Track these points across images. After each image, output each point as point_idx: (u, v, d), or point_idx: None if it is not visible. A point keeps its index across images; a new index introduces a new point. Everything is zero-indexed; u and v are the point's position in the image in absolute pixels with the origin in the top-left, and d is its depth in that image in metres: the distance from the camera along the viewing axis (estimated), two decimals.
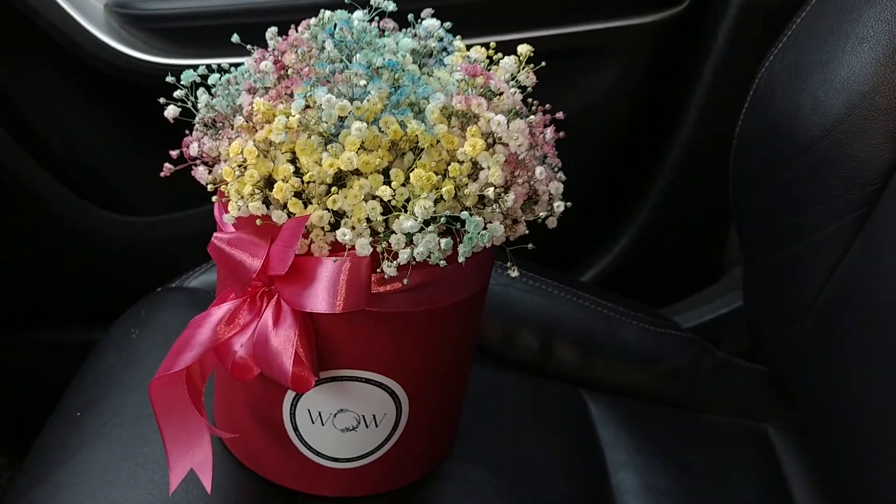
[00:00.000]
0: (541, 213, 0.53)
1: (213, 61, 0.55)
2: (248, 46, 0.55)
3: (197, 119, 0.53)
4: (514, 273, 0.52)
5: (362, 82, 0.48)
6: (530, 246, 0.51)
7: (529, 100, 0.54)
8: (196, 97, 0.54)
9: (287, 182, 0.48)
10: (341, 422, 0.56)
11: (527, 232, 0.51)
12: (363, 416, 0.56)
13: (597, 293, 0.80)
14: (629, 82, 0.86)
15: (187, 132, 0.54)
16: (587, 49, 0.85)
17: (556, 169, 0.54)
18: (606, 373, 0.77)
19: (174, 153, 0.54)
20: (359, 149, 0.48)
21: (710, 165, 0.86)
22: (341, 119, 0.49)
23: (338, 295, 0.48)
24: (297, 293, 0.49)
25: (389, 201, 0.48)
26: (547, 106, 0.55)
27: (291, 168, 0.48)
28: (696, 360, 0.78)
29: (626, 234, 0.93)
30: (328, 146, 0.48)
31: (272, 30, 0.56)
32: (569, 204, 0.52)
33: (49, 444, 0.63)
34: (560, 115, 0.54)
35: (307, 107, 0.49)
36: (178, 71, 0.54)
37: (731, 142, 0.75)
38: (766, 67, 0.70)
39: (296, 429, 0.56)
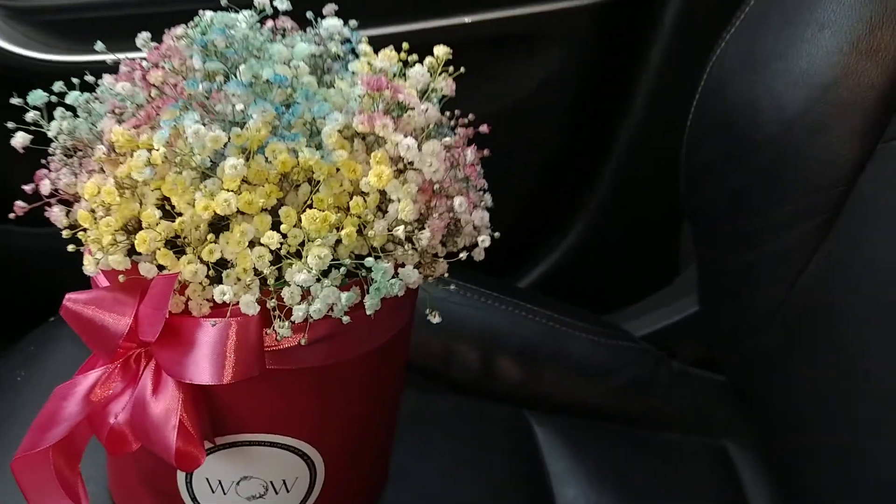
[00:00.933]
0: (465, 245, 0.45)
1: (103, 57, 0.47)
2: (121, 57, 0.46)
3: (53, 147, 0.45)
4: (436, 319, 0.45)
5: (239, 107, 0.40)
6: (452, 287, 0.44)
7: (446, 113, 0.47)
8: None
9: (153, 229, 0.39)
10: (246, 490, 0.48)
11: (445, 273, 0.44)
12: (271, 483, 0.49)
13: (540, 302, 0.73)
14: (571, 69, 0.79)
15: (42, 160, 0.46)
16: (525, 34, 0.77)
17: (481, 192, 0.47)
18: (553, 391, 0.71)
19: (28, 188, 0.45)
20: (242, 184, 0.40)
21: (660, 157, 0.79)
22: (216, 150, 0.41)
23: (224, 362, 0.40)
24: (176, 361, 0.41)
25: (278, 249, 0.40)
26: (470, 116, 0.48)
27: (158, 213, 0.40)
28: (651, 372, 0.72)
29: (570, 233, 0.86)
30: (203, 183, 0.40)
31: (144, 36, 0.47)
32: (496, 235, 0.45)
33: None
34: (484, 128, 0.47)
35: (179, 135, 0.40)
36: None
37: (681, 132, 0.68)
38: (717, 55, 0.63)
39: (194, 499, 0.49)
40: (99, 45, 0.47)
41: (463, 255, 0.44)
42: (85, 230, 0.41)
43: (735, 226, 0.63)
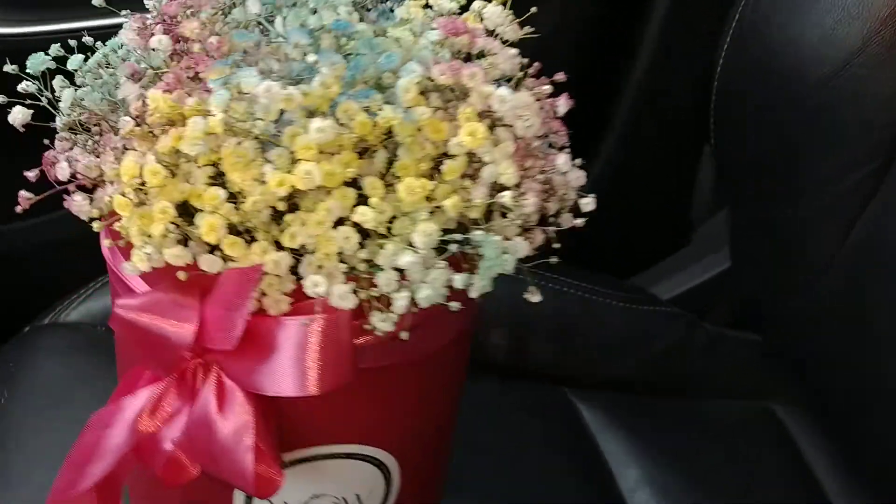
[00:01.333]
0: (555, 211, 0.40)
1: (71, 26, 0.39)
2: (124, 13, 0.38)
3: (59, 123, 0.37)
4: (536, 298, 0.39)
5: (311, 58, 0.33)
6: (554, 260, 0.38)
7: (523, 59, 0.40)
8: (53, 90, 0.38)
9: (217, 213, 0.32)
10: None
11: (554, 242, 0.38)
12: (343, 499, 0.42)
13: (567, 272, 0.68)
14: (577, 16, 0.73)
15: (44, 140, 0.38)
16: None
17: (564, 150, 0.41)
18: (590, 366, 0.66)
19: (31, 174, 0.37)
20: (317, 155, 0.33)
21: (673, 106, 0.75)
22: (280, 113, 0.34)
23: (310, 370, 0.33)
24: (250, 369, 0.34)
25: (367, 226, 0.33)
26: (537, 64, 0.42)
27: (221, 192, 0.33)
28: (687, 337, 0.68)
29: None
30: (268, 153, 0.33)
31: None
32: (594, 196, 0.40)
33: None
34: (561, 76, 0.41)
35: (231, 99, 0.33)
36: (27, 44, 0.38)
37: (701, 79, 0.64)
38: None
39: None
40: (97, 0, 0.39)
41: (577, 221, 0.38)
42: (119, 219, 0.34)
43: (778, 180, 0.60)
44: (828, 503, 0.60)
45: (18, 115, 0.36)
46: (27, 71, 0.36)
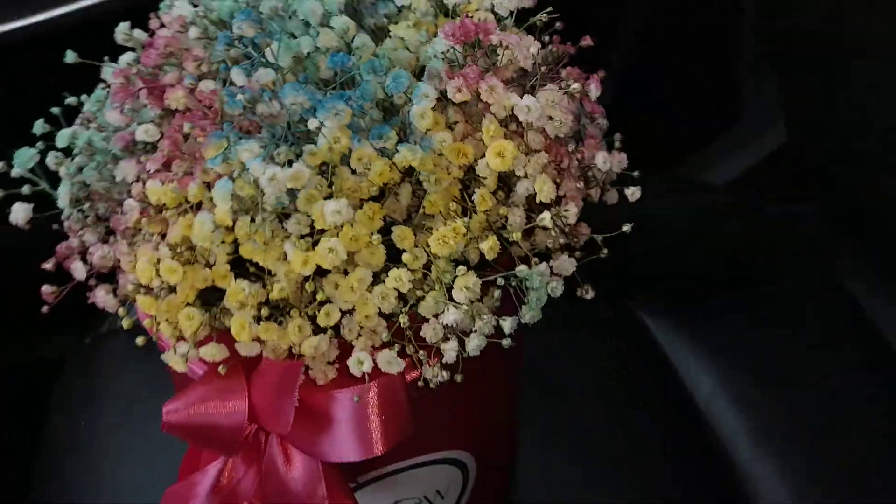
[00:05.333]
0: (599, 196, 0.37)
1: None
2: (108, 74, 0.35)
3: (65, 216, 0.35)
4: (590, 294, 0.36)
5: (312, 124, 0.30)
6: (604, 253, 0.36)
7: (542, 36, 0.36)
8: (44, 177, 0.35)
9: (245, 308, 0.30)
10: None
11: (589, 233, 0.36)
12: (424, 497, 0.43)
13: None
14: None
15: (53, 226, 0.35)
16: None
17: (596, 122, 0.37)
18: (653, 265, 0.64)
19: (48, 265, 0.36)
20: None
21: None
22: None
23: (372, 434, 0.32)
24: (310, 441, 0.33)
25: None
26: (558, 25, 0.37)
27: (246, 285, 0.30)
28: (747, 223, 0.65)
29: (610, 73, 0.75)
30: (286, 226, 0.31)
31: (123, 27, 0.36)
32: (637, 173, 0.36)
33: None
34: (587, 40, 0.36)
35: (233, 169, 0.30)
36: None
37: None
38: None
39: None
40: (70, 57, 0.35)
41: (625, 227, 0.35)
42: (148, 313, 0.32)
43: (837, 36, 0.54)
44: None
45: (20, 214, 0.34)
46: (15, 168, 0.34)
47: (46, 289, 0.35)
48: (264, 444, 0.35)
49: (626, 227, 0.34)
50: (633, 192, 0.35)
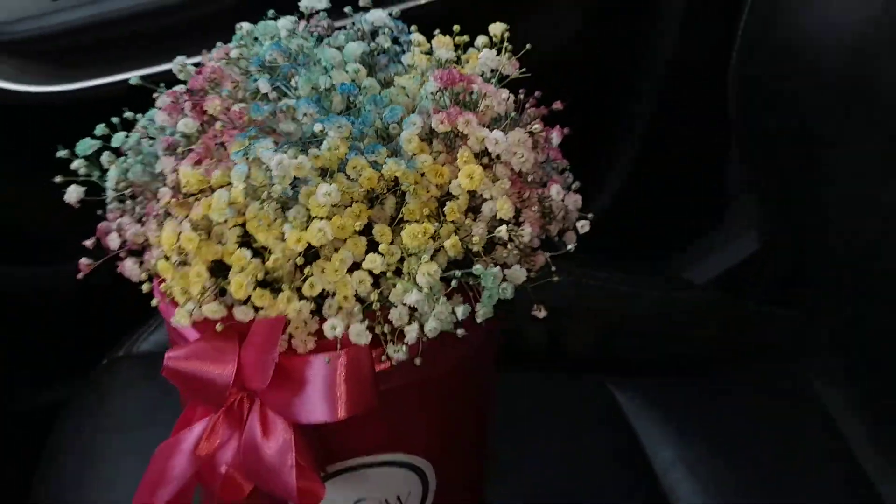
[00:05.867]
0: (557, 231, 0.43)
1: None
2: (157, 92, 0.43)
3: (108, 197, 0.42)
4: (542, 313, 0.42)
5: (318, 127, 0.37)
6: (556, 279, 0.42)
7: (517, 94, 0.44)
8: (100, 167, 0.43)
9: (245, 271, 0.37)
10: None
11: (549, 263, 0.42)
12: (385, 500, 0.47)
13: (601, 264, 0.71)
14: (596, 17, 0.75)
15: (99, 212, 0.43)
16: None
17: (564, 172, 0.44)
18: (629, 353, 0.69)
19: (89, 243, 0.42)
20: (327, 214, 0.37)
21: (698, 88, 0.76)
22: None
23: (338, 398, 0.38)
24: (286, 401, 0.38)
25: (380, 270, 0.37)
26: (536, 93, 0.45)
27: (247, 253, 0.37)
28: (724, 319, 0.71)
29: (611, 183, 0.83)
30: (286, 212, 0.38)
31: (180, 60, 0.44)
32: (591, 215, 0.43)
33: None
34: (558, 104, 0.44)
35: (251, 167, 0.37)
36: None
37: (721, 61, 0.65)
38: None
39: None
40: (134, 80, 0.44)
41: (570, 246, 0.41)
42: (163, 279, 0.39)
43: (801, 154, 0.61)
44: (864, 475, 0.61)
45: (73, 194, 0.41)
46: (77, 154, 0.41)
47: (84, 261, 0.42)
48: (247, 414, 0.41)
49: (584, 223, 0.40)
50: (583, 225, 0.42)
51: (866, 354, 0.64)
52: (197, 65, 0.43)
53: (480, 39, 0.44)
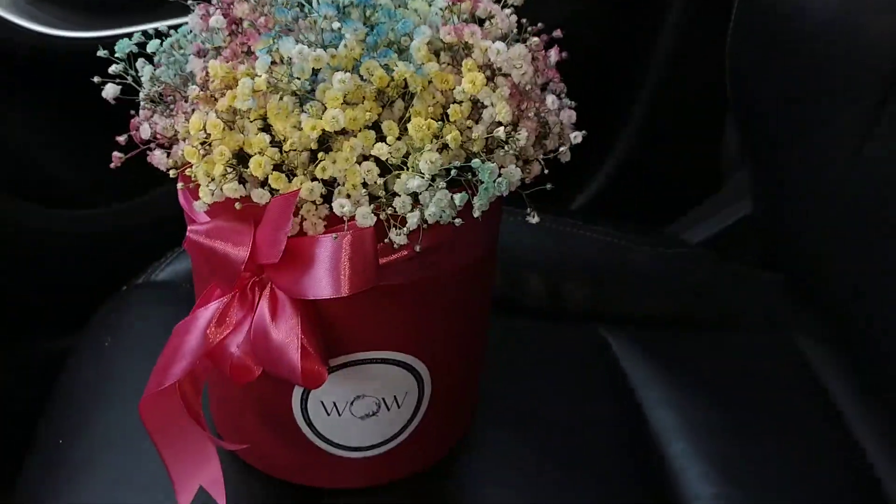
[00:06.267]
0: (554, 146, 0.46)
1: (143, 27, 0.47)
2: (189, 3, 0.47)
3: (142, 95, 0.46)
4: (535, 219, 0.46)
5: (335, 25, 0.41)
6: (549, 186, 0.45)
7: (521, 20, 0.47)
8: (136, 70, 0.46)
9: (264, 154, 0.40)
10: (360, 409, 0.50)
11: (545, 171, 0.45)
12: (383, 399, 0.50)
13: (597, 222, 0.75)
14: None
15: (131, 111, 0.47)
16: None
17: (561, 95, 0.48)
18: (622, 304, 0.72)
19: (121, 138, 0.46)
20: (342, 104, 0.41)
21: (697, 65, 0.80)
22: (314, 73, 0.42)
23: (342, 275, 0.41)
24: (295, 280, 0.42)
25: (387, 160, 0.41)
26: (539, 24, 0.49)
27: (266, 137, 0.41)
28: (712, 275, 0.74)
29: (613, 152, 0.87)
30: (304, 106, 0.41)
31: None
32: (584, 133, 0.46)
33: (34, 481, 0.57)
34: (558, 32, 0.48)
35: (273, 63, 0.41)
36: (104, 44, 0.46)
37: (718, 37, 0.69)
38: None
39: (310, 424, 0.50)
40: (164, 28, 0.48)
41: (565, 152, 0.45)
42: (191, 166, 0.42)
43: (789, 118, 0.64)
44: (843, 422, 0.64)
45: (110, 90, 0.45)
46: (115, 55, 0.45)
47: (116, 154, 0.45)
48: (258, 300, 0.44)
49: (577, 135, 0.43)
50: (575, 136, 0.45)
51: (852, 320, 0.67)
52: None
53: None
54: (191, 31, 0.47)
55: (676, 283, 0.73)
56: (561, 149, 0.46)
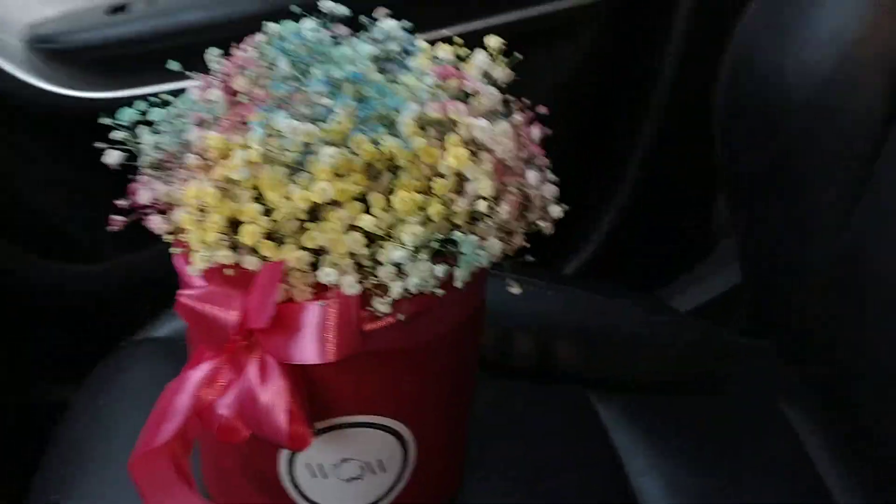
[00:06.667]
0: (535, 221, 0.48)
1: (151, 90, 0.50)
2: (191, 74, 0.49)
3: (142, 162, 0.48)
4: (516, 290, 0.47)
5: (325, 101, 0.43)
6: (529, 258, 0.47)
7: (506, 96, 0.49)
8: (136, 136, 0.49)
9: (255, 223, 0.42)
10: (345, 472, 0.51)
11: (527, 245, 0.47)
12: (367, 463, 0.51)
13: (588, 286, 0.76)
14: (595, 59, 0.82)
15: (132, 176, 0.49)
16: (547, 29, 0.80)
17: (544, 169, 0.50)
18: (611, 369, 0.73)
19: (122, 203, 0.48)
20: (332, 176, 0.43)
21: (688, 135, 0.82)
22: (306, 146, 0.44)
23: (327, 341, 0.43)
24: (282, 344, 0.43)
25: (372, 232, 0.43)
26: (525, 101, 0.51)
27: (259, 207, 0.43)
28: (700, 343, 0.75)
29: (606, 217, 0.89)
30: (295, 177, 0.43)
31: (213, 52, 0.50)
32: (566, 208, 0.48)
33: None
34: (542, 109, 0.50)
35: (269, 135, 0.43)
36: (112, 104, 0.49)
37: (708, 109, 0.71)
38: (740, 29, 0.66)
39: (296, 486, 0.51)
40: (174, 65, 0.50)
41: (544, 226, 0.46)
42: (186, 232, 0.44)
43: (774, 188, 0.66)
44: (826, 490, 0.64)
45: (113, 157, 0.47)
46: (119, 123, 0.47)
47: (116, 218, 0.47)
48: (247, 361, 0.46)
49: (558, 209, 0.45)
50: (557, 211, 0.47)
51: (833, 386, 0.68)
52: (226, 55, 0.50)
53: (483, 53, 0.50)
54: (192, 101, 0.49)
55: (665, 350, 0.74)
56: (541, 223, 0.48)
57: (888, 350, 0.59)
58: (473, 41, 0.49)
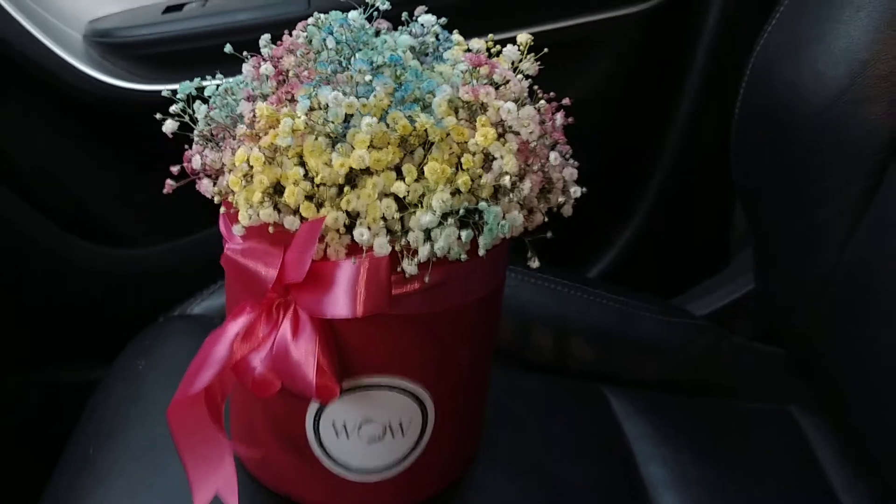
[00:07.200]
0: (557, 201, 0.51)
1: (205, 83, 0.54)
2: (244, 53, 0.53)
3: (196, 132, 0.52)
4: (535, 263, 0.50)
5: (367, 78, 0.47)
6: (549, 234, 0.50)
7: (535, 87, 0.53)
8: (193, 111, 0.53)
9: (297, 185, 0.46)
10: (367, 432, 0.54)
11: (546, 220, 0.50)
12: (389, 425, 0.54)
13: (607, 288, 0.79)
14: (622, 72, 0.86)
15: (186, 147, 0.53)
16: (578, 42, 0.84)
17: (566, 156, 0.53)
18: (624, 367, 0.76)
19: (175, 168, 0.52)
20: (368, 147, 0.46)
21: (709, 149, 0.85)
22: (347, 119, 0.47)
23: (357, 298, 0.46)
24: (316, 300, 0.47)
25: (404, 198, 0.46)
26: (551, 94, 0.54)
27: (301, 171, 0.46)
28: (714, 346, 0.77)
29: (629, 225, 0.92)
30: (336, 146, 0.47)
31: (265, 37, 0.55)
32: (584, 189, 0.51)
33: (61, 486, 0.61)
34: (567, 101, 0.53)
35: (312, 108, 0.47)
36: (163, 97, 0.53)
37: (729, 123, 0.74)
38: (761, 46, 0.70)
39: (320, 443, 0.54)
40: (228, 48, 0.54)
41: (567, 206, 0.50)
42: (233, 193, 0.48)
43: (787, 198, 0.69)
44: (834, 495, 0.66)
45: (169, 125, 0.51)
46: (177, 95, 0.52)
47: (169, 182, 0.51)
48: (281, 319, 0.49)
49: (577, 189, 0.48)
50: (575, 191, 0.50)
51: (839, 394, 0.70)
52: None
53: (513, 47, 0.54)
54: (244, 81, 0.54)
55: (679, 352, 0.77)
56: (565, 204, 0.51)
57: (890, 360, 0.61)
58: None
